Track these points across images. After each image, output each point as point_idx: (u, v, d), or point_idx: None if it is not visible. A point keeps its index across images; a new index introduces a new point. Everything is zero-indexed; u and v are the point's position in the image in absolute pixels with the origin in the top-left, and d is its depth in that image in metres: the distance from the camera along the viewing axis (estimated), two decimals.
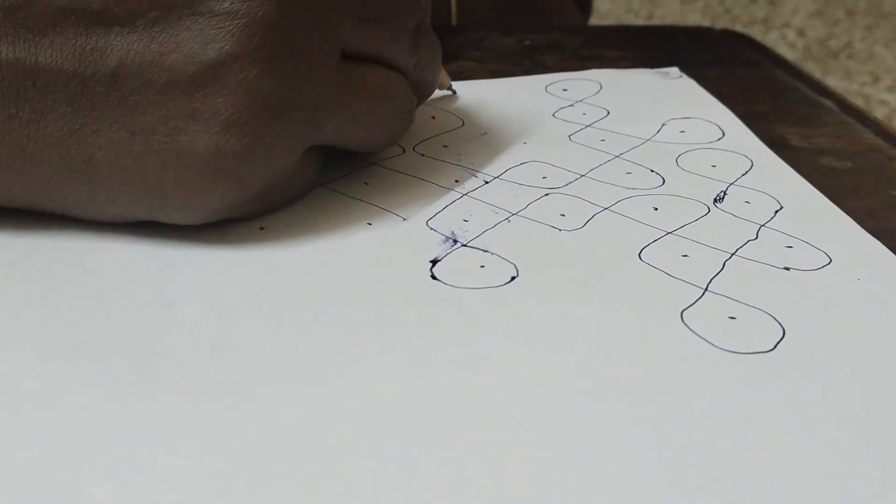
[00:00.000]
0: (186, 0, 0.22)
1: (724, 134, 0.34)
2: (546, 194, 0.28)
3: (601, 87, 0.38)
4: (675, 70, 0.41)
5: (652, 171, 0.30)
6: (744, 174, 0.30)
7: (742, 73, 0.43)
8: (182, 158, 0.22)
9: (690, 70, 0.42)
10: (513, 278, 0.23)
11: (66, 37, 0.22)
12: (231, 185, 0.23)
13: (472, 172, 0.29)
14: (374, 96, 0.25)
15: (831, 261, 0.25)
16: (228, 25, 0.22)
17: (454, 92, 0.36)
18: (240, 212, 0.24)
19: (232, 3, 0.22)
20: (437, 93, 0.36)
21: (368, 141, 0.26)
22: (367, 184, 0.28)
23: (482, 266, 0.24)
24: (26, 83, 0.22)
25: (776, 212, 0.28)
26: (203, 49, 0.22)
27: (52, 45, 0.22)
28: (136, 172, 0.22)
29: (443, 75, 0.34)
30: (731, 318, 0.22)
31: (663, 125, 0.34)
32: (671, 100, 0.37)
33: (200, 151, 0.22)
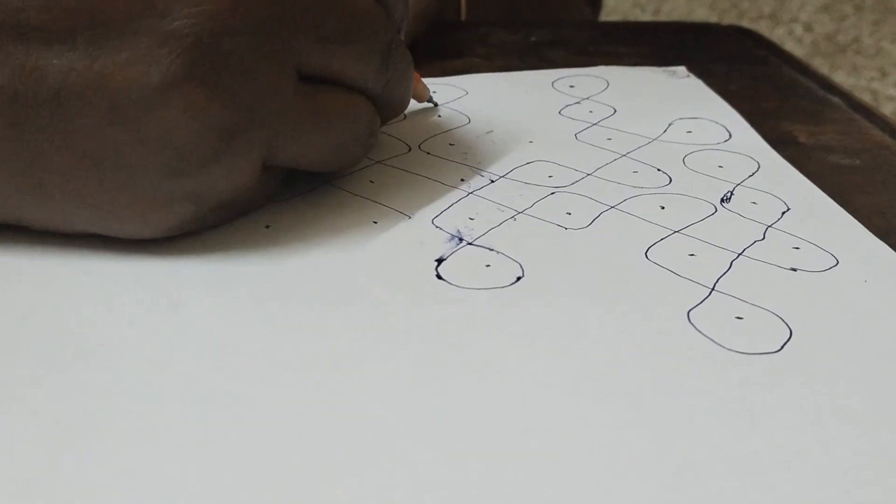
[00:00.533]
0: (125, 18, 0.20)
1: (731, 135, 0.33)
2: (552, 193, 0.28)
3: (608, 84, 0.38)
4: (682, 69, 0.41)
5: (659, 170, 0.30)
6: (751, 175, 0.30)
7: (749, 70, 0.43)
8: (135, 181, 0.21)
9: (697, 67, 0.41)
10: (518, 278, 0.23)
11: (6, 55, 0.21)
12: (187, 205, 0.22)
13: (478, 171, 0.29)
14: (333, 121, 0.24)
15: (838, 262, 0.25)
16: (172, 46, 0.20)
17: (435, 104, 0.35)
18: (201, 224, 0.24)
19: (175, 22, 0.20)
20: (417, 105, 0.35)
21: (325, 164, 0.25)
22: (372, 182, 0.28)
23: (488, 265, 0.24)
24: None
25: (783, 213, 0.27)
26: (146, 71, 0.20)
27: None
28: (89, 196, 0.22)
29: (422, 88, 0.33)
30: (738, 318, 0.22)
31: (670, 125, 0.34)
32: (678, 99, 0.37)
33: (152, 175, 0.21)
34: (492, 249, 0.25)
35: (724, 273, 0.24)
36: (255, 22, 0.21)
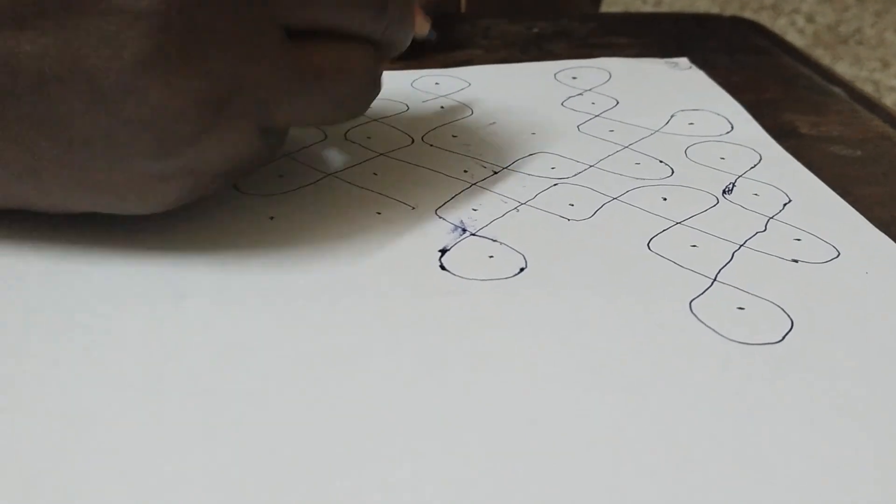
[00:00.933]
0: None
1: (732, 127, 0.34)
2: (555, 184, 0.28)
3: (610, 76, 0.38)
4: (684, 61, 0.41)
5: (661, 161, 0.30)
6: (752, 167, 0.30)
7: (751, 61, 0.43)
8: (126, 162, 0.21)
9: (699, 58, 0.41)
10: (521, 269, 0.23)
11: None
12: (185, 178, 0.22)
13: (481, 162, 0.30)
14: (329, 76, 0.23)
15: (839, 254, 0.25)
16: (142, 25, 0.20)
17: (433, 37, 0.33)
18: (202, 194, 0.23)
19: (143, 1, 0.20)
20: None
21: (328, 119, 0.24)
22: (375, 174, 0.28)
23: (491, 256, 0.24)
24: None
25: (785, 205, 0.28)
26: (120, 53, 0.20)
27: None
28: (84, 178, 0.21)
29: (419, 21, 0.32)
30: (740, 308, 0.22)
31: (672, 116, 0.34)
32: (680, 91, 0.37)
33: (144, 155, 0.21)
34: (495, 240, 0.25)
35: (726, 264, 0.24)
36: None
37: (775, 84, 0.40)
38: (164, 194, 0.22)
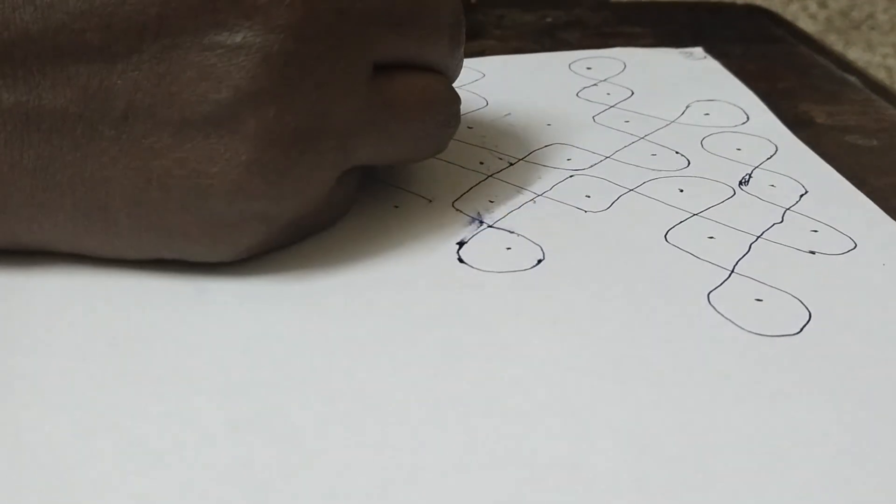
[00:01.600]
0: (192, 33, 0.20)
1: (748, 118, 0.33)
2: (571, 176, 0.28)
3: (625, 66, 0.38)
4: (699, 50, 0.41)
5: (677, 153, 0.30)
6: (769, 158, 0.30)
7: (765, 50, 0.43)
8: (204, 202, 0.21)
9: (714, 47, 0.41)
10: (539, 261, 0.24)
11: (68, 76, 0.20)
12: (259, 225, 0.21)
13: (497, 154, 0.30)
14: (412, 109, 0.23)
15: (856, 245, 0.25)
16: (242, 61, 0.20)
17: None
18: (273, 244, 0.23)
19: (245, 37, 0.20)
20: None
21: (410, 156, 0.24)
22: (391, 167, 0.28)
23: (508, 248, 0.24)
24: (29, 128, 0.20)
25: (801, 196, 0.28)
26: (216, 87, 0.20)
27: (55, 86, 0.20)
28: (157, 219, 0.21)
29: None
30: (758, 300, 0.22)
31: (688, 107, 0.34)
32: (695, 81, 0.37)
33: (223, 195, 0.20)
34: (512, 232, 0.25)
35: (744, 256, 0.24)
36: (327, 29, 0.20)
37: (790, 73, 0.40)
38: (236, 242, 0.22)
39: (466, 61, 0.38)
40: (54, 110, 0.20)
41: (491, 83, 0.36)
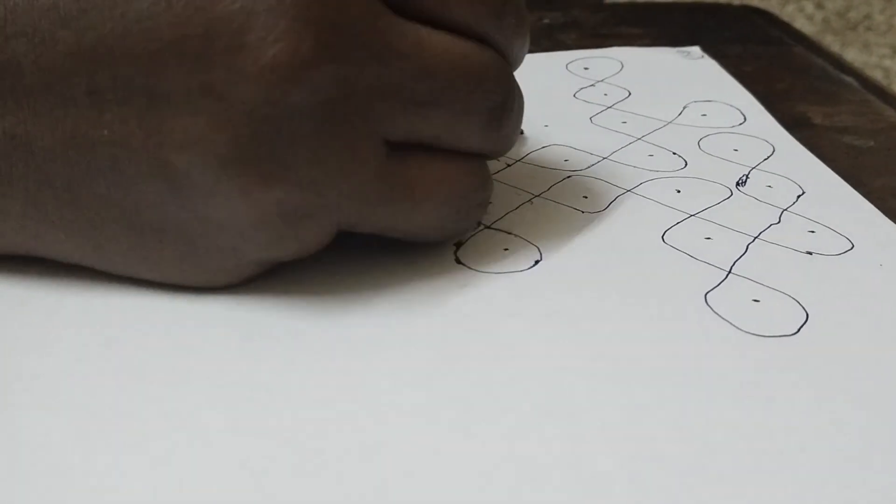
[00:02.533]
0: (182, 95, 0.19)
1: (745, 119, 0.34)
2: (568, 176, 0.28)
3: (622, 66, 0.38)
4: (696, 50, 0.41)
5: (674, 153, 0.30)
6: (766, 159, 0.30)
7: (762, 51, 0.43)
8: (196, 255, 0.21)
9: (711, 48, 0.41)
10: (537, 262, 0.24)
11: (56, 118, 0.19)
12: (252, 268, 0.21)
13: None
14: (427, 197, 0.21)
15: (853, 246, 0.25)
16: (230, 132, 0.19)
17: (521, 132, 0.34)
18: (261, 275, 0.22)
19: (234, 105, 0.18)
20: None
21: (423, 237, 0.22)
22: None
23: (506, 249, 0.24)
24: (17, 161, 0.20)
25: (798, 197, 0.28)
26: (203, 156, 0.19)
27: (43, 124, 0.19)
28: (151, 262, 0.21)
29: None
30: (755, 300, 0.22)
31: (685, 108, 0.34)
32: (693, 82, 0.37)
33: (216, 252, 0.20)
34: (510, 232, 0.25)
35: (741, 256, 0.24)
36: (323, 101, 0.19)
37: (787, 74, 0.40)
38: (230, 278, 0.21)
39: None
40: (43, 149, 0.20)
41: None
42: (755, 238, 0.25)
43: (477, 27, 0.21)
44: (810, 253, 0.25)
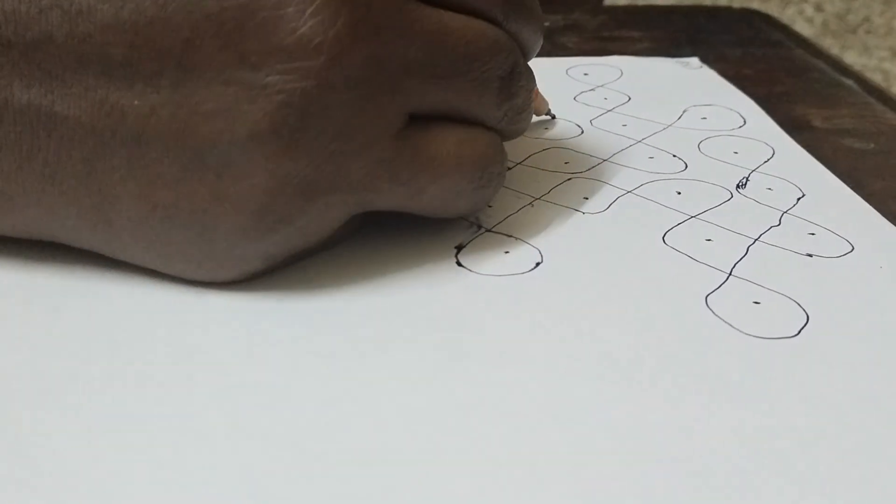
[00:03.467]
0: (216, 67, 0.19)
1: (745, 122, 0.34)
2: (569, 179, 0.28)
3: (622, 73, 0.39)
4: (695, 60, 0.41)
5: (674, 156, 0.30)
6: (766, 161, 0.30)
7: (762, 53, 0.43)
8: (206, 239, 0.21)
9: (711, 51, 0.42)
10: (537, 264, 0.24)
11: (86, 87, 0.19)
12: (257, 262, 0.21)
13: None
14: (444, 165, 0.22)
15: (853, 248, 0.25)
16: (262, 102, 0.19)
17: (553, 117, 0.33)
18: (272, 270, 0.22)
19: (268, 76, 0.19)
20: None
21: (438, 212, 0.23)
22: None
23: (507, 252, 0.24)
24: (41, 131, 0.20)
25: (798, 199, 0.28)
26: (232, 125, 0.19)
27: (71, 95, 0.20)
28: (159, 244, 0.21)
29: (540, 100, 0.32)
30: (756, 302, 0.22)
31: (684, 112, 0.34)
32: (692, 88, 0.37)
33: (225, 235, 0.20)
34: (510, 235, 0.25)
35: (741, 258, 0.24)
36: (355, 77, 0.19)
37: (787, 77, 0.40)
38: (236, 270, 0.22)
39: None
40: (67, 119, 0.20)
41: None
42: (755, 240, 0.25)
43: (490, 13, 0.22)
44: (810, 255, 0.25)
